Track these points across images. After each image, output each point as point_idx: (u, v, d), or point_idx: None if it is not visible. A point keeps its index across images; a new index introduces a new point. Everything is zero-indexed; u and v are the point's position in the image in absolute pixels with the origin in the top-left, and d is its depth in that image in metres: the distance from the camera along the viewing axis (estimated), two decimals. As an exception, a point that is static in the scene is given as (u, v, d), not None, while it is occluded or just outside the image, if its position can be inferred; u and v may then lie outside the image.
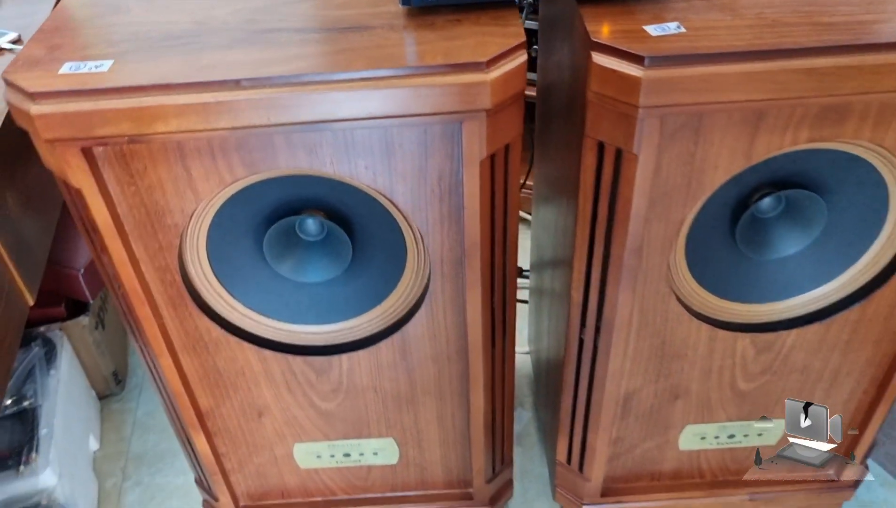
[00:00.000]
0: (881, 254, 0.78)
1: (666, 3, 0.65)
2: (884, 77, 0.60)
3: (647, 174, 0.66)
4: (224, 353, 0.82)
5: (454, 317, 0.80)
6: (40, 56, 0.64)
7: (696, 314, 0.81)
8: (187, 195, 0.68)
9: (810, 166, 0.72)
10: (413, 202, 0.70)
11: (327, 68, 0.60)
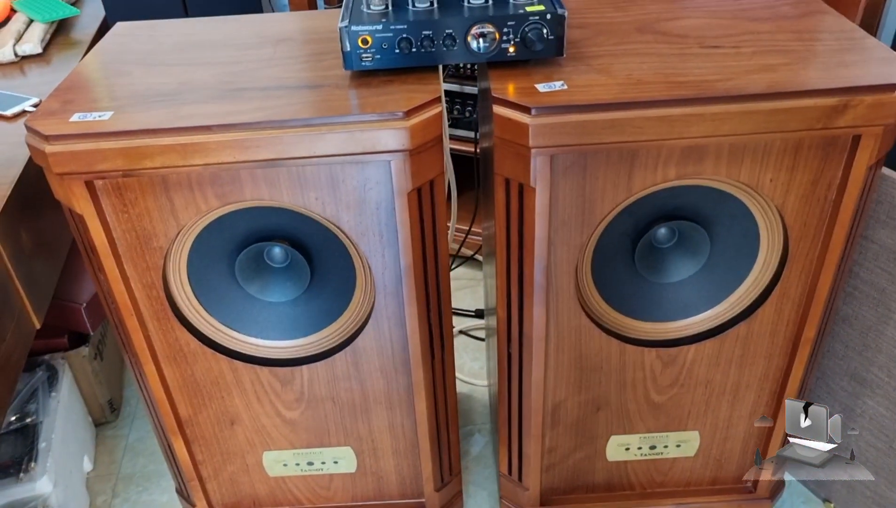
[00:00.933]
0: (760, 277, 0.91)
1: (555, 67, 0.81)
2: (724, 123, 0.75)
3: (545, 204, 0.80)
4: (201, 363, 0.96)
5: (398, 331, 0.93)
6: (55, 108, 0.80)
7: (605, 330, 0.94)
8: (170, 222, 0.83)
9: (689, 201, 0.86)
10: (357, 229, 0.84)
11: (282, 116, 0.76)
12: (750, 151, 0.79)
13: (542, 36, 0.79)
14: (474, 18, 0.79)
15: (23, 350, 1.06)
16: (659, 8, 0.95)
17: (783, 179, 0.81)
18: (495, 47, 0.80)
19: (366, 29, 0.79)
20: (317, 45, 0.93)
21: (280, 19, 1.06)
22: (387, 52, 0.80)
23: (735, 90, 0.75)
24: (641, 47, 0.85)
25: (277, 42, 0.95)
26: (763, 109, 0.74)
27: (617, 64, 0.81)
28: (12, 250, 1.04)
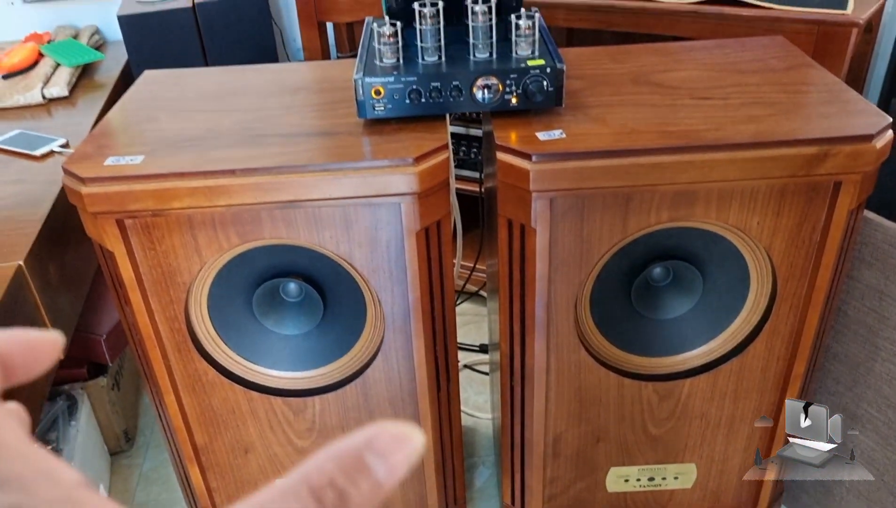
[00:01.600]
0: (750, 315, 0.96)
1: (555, 116, 0.87)
2: (713, 170, 0.80)
3: (545, 244, 0.86)
4: (218, 393, 1.00)
5: (405, 363, 0.98)
6: (91, 152, 0.86)
7: (604, 364, 0.99)
8: (194, 259, 0.89)
9: (682, 242, 0.91)
10: (368, 266, 0.90)
11: (300, 162, 0.82)
12: (738, 195, 0.84)
13: (543, 88, 0.85)
14: (479, 71, 0.85)
15: (47, 380, 1.11)
16: (654, 60, 1.01)
17: (769, 222, 0.86)
18: (499, 98, 0.86)
19: (379, 80, 0.85)
20: (331, 93, 0.99)
21: (297, 69, 1.12)
22: (398, 101, 0.86)
23: (723, 140, 0.80)
24: (636, 98, 0.91)
25: (295, 91, 1.01)
26: (749, 158, 0.80)
27: (612, 114, 0.87)
28: (40, 283, 1.10)
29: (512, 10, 0.89)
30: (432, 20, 0.86)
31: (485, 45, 0.88)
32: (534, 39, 0.87)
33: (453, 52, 0.89)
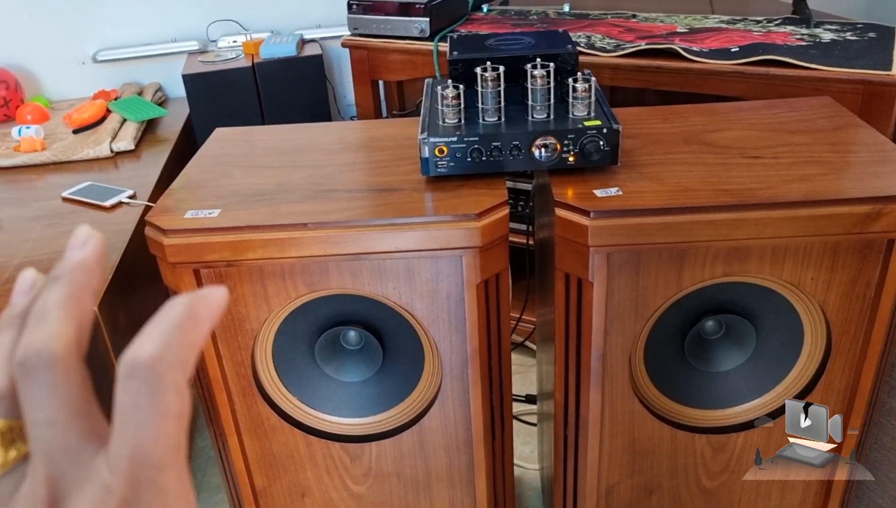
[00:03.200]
0: (805, 369, 0.97)
1: (610, 174, 0.90)
2: (766, 227, 0.82)
3: (601, 297, 0.88)
4: (279, 437, 1.03)
5: (462, 411, 1.00)
6: (171, 205, 0.91)
7: (657, 416, 1.00)
8: (262, 307, 0.93)
9: (736, 296, 0.93)
10: (429, 316, 0.93)
11: (367, 216, 0.86)
12: (791, 251, 0.86)
13: (599, 147, 0.89)
14: (538, 131, 0.89)
15: (114, 421, 1.16)
16: (703, 120, 1.05)
17: (823, 277, 0.88)
18: (556, 157, 0.90)
19: (442, 140, 0.90)
20: (393, 151, 1.04)
21: (357, 127, 1.18)
22: (460, 160, 0.90)
23: (776, 198, 0.83)
24: (688, 157, 0.94)
25: (357, 148, 1.06)
26: (802, 216, 0.82)
27: (666, 172, 0.90)
28: (111, 328, 1.15)
29: (568, 73, 0.93)
30: (493, 83, 0.91)
31: (543, 106, 0.92)
32: (590, 101, 0.92)
33: (512, 112, 0.94)
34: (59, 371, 0.24)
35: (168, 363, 0.24)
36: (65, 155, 1.65)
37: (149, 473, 0.23)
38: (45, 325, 0.25)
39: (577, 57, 0.95)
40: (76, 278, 0.27)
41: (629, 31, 1.53)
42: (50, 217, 1.42)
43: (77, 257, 0.27)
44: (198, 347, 0.25)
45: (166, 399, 0.23)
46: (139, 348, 0.24)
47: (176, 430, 0.23)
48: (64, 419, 0.24)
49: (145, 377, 0.23)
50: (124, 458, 0.23)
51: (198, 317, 0.25)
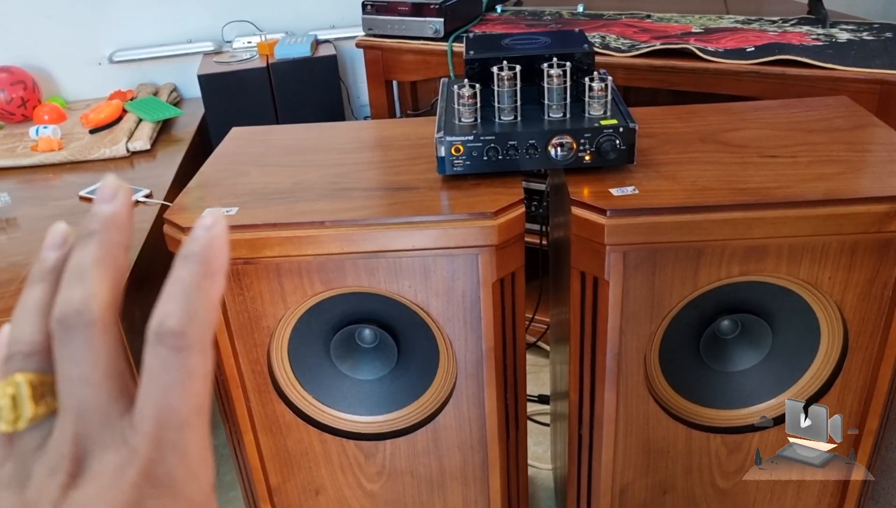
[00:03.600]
0: (821, 369, 0.96)
1: (627, 173, 0.90)
2: (783, 226, 0.82)
3: (617, 296, 0.88)
4: (293, 435, 1.04)
5: (476, 410, 1.00)
6: (189, 204, 0.92)
7: (672, 416, 1.00)
8: (279, 305, 0.93)
9: (752, 296, 0.93)
10: (444, 314, 0.93)
11: (384, 214, 0.86)
12: (808, 251, 0.86)
13: (615, 146, 0.89)
14: (554, 130, 0.89)
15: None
16: (719, 120, 1.05)
17: (841, 277, 0.88)
18: (572, 156, 0.90)
19: (458, 139, 0.90)
20: (409, 150, 1.05)
21: (372, 126, 1.19)
22: (476, 159, 0.91)
23: (794, 197, 0.83)
24: (704, 156, 0.94)
25: (373, 147, 1.07)
26: (820, 215, 0.82)
27: (682, 171, 0.90)
28: (128, 326, 1.16)
29: (585, 73, 0.93)
30: (509, 82, 0.91)
31: (559, 105, 0.92)
32: (606, 100, 0.92)
33: (528, 111, 0.94)
34: (96, 330, 0.25)
35: (195, 327, 0.24)
36: (81, 155, 1.67)
37: (173, 434, 0.23)
38: (84, 284, 0.25)
39: (593, 56, 0.95)
40: (111, 235, 0.27)
41: (644, 32, 1.53)
42: (67, 216, 1.43)
43: (108, 212, 0.27)
44: (218, 301, 0.26)
45: (193, 361, 0.23)
46: (165, 315, 0.24)
47: (202, 390, 0.24)
48: (97, 377, 0.24)
49: (173, 343, 0.24)
50: (150, 419, 0.23)
51: (213, 272, 0.26)
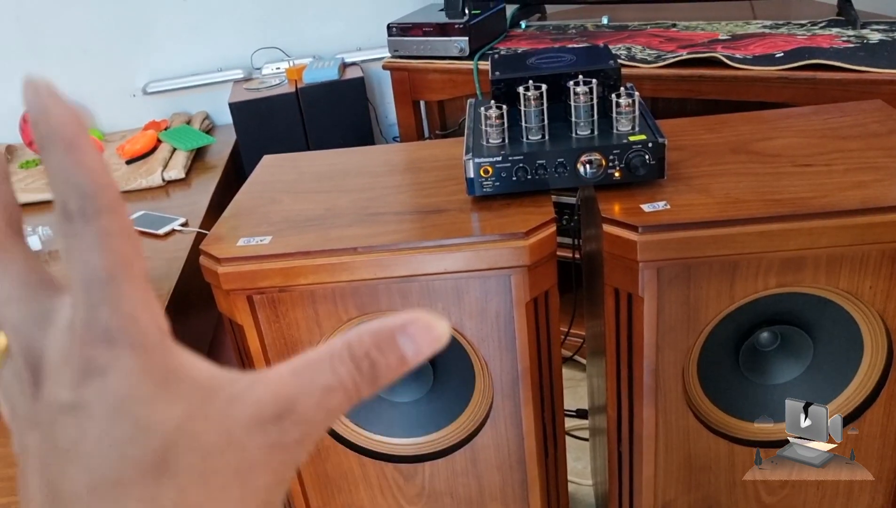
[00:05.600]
0: (866, 380, 0.94)
1: (658, 188, 0.90)
2: (821, 237, 0.81)
3: (652, 312, 0.88)
4: (333, 459, 1.05)
5: (514, 430, 1.00)
6: (224, 233, 0.94)
7: (713, 430, 0.98)
8: (315, 330, 0.94)
9: (792, 307, 0.91)
10: (478, 335, 0.93)
11: (415, 238, 0.87)
12: (847, 260, 0.85)
13: (645, 162, 0.88)
14: (582, 148, 0.89)
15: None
16: (750, 129, 1.04)
17: (882, 286, 0.86)
18: (602, 173, 0.90)
19: (487, 160, 0.90)
20: (438, 172, 1.05)
21: (401, 149, 1.20)
22: (505, 179, 0.91)
23: (830, 206, 0.81)
24: (736, 167, 0.93)
25: (403, 170, 1.08)
26: (858, 224, 0.80)
27: (714, 183, 0.89)
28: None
29: (612, 89, 0.93)
30: (536, 102, 0.92)
31: (586, 122, 0.92)
32: (634, 115, 0.91)
33: (556, 130, 0.94)
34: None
35: (90, 195, 0.23)
36: (119, 186, 1.70)
37: (99, 291, 0.23)
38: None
39: (619, 72, 0.95)
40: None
41: (670, 41, 1.52)
42: (107, 247, 1.46)
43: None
44: (99, 155, 0.24)
45: (104, 222, 0.23)
46: (62, 201, 0.23)
47: (122, 245, 0.24)
48: (19, 291, 0.25)
49: (78, 218, 0.23)
50: (77, 287, 0.24)
51: (70, 140, 0.23)
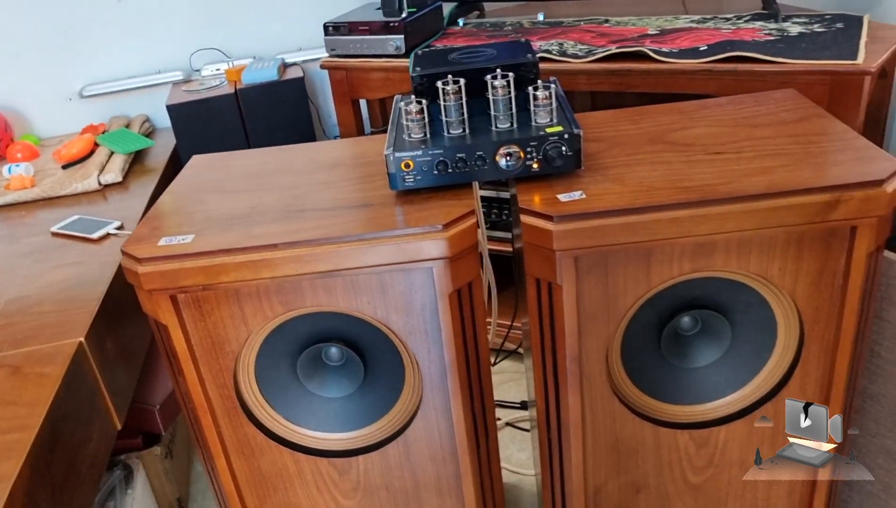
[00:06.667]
0: (781, 360, 0.97)
1: (575, 179, 0.92)
2: (728, 221, 0.84)
3: (571, 300, 0.89)
4: (266, 456, 1.05)
5: (445, 422, 1.01)
6: (145, 234, 0.93)
7: (638, 414, 1.01)
8: (241, 328, 0.94)
9: (707, 292, 0.94)
10: (406, 328, 0.94)
11: (337, 233, 0.87)
12: (756, 244, 0.88)
13: (562, 153, 0.90)
14: (501, 141, 0.91)
15: (106, 450, 1.17)
16: (669, 120, 1.06)
17: (791, 268, 0.89)
18: (521, 165, 0.91)
19: (408, 155, 0.91)
20: (365, 168, 1.06)
21: (332, 146, 1.20)
22: (426, 173, 0.92)
23: (736, 192, 0.84)
24: (652, 157, 0.95)
25: (332, 167, 1.08)
26: (763, 208, 0.83)
27: (630, 173, 0.92)
28: (99, 358, 1.17)
29: (529, 82, 0.95)
30: (455, 96, 0.93)
31: (505, 116, 0.94)
32: (551, 108, 0.93)
33: (476, 123, 0.95)
34: None
35: None
36: (54, 190, 1.68)
37: None
38: None
39: (537, 66, 0.96)
40: None
41: (601, 36, 1.55)
42: (39, 252, 1.44)
43: None
44: None
45: None
46: None
47: None
48: None
49: None
50: None
51: None
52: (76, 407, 1.07)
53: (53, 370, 1.06)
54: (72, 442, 1.04)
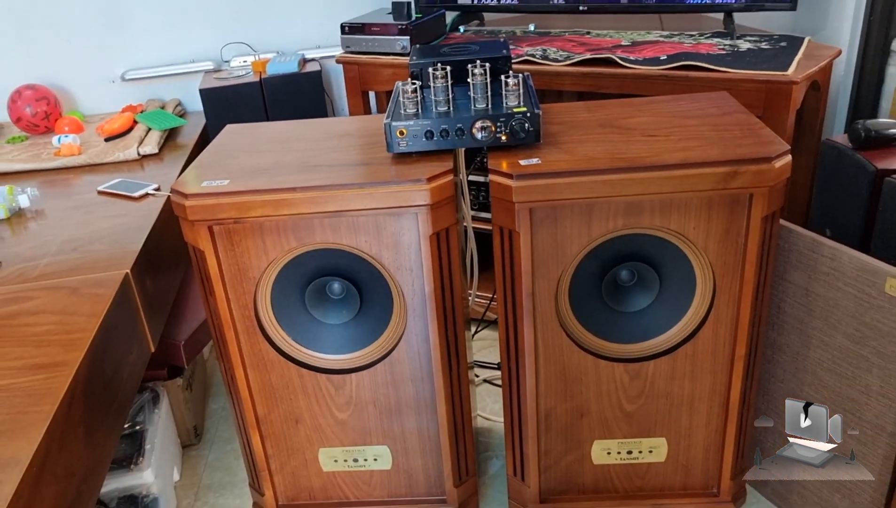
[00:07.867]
0: (699, 307, 1.20)
1: (536, 150, 1.15)
2: (650, 185, 1.06)
3: (527, 245, 1.12)
4: (276, 370, 1.27)
5: (423, 345, 1.23)
6: (190, 179, 1.16)
7: (582, 348, 1.23)
8: (262, 258, 1.17)
9: (639, 247, 1.17)
10: (394, 264, 1.17)
11: (344, 182, 1.10)
12: (675, 206, 1.10)
13: (525, 128, 1.13)
14: (477, 116, 1.14)
15: (142, 365, 1.40)
16: (619, 111, 1.29)
17: (703, 227, 1.12)
18: (492, 137, 1.14)
19: (402, 124, 1.14)
20: (369, 137, 1.29)
21: (343, 121, 1.43)
22: (417, 139, 1.15)
23: (658, 162, 1.07)
24: (599, 137, 1.18)
25: (341, 136, 1.31)
26: (677, 176, 1.06)
27: (579, 147, 1.15)
28: (141, 289, 1.40)
29: (503, 72, 1.18)
30: (442, 80, 1.16)
31: (482, 98, 1.17)
32: (520, 93, 1.16)
33: (459, 103, 1.18)
34: None
35: None
36: (98, 158, 1.92)
37: None
38: None
39: (510, 60, 1.20)
40: None
41: (581, 45, 1.79)
42: (87, 206, 1.68)
43: None
44: None
45: None
46: None
47: None
48: None
49: None
50: None
51: None
52: (122, 323, 1.30)
53: (105, 292, 1.29)
54: (118, 350, 1.27)
